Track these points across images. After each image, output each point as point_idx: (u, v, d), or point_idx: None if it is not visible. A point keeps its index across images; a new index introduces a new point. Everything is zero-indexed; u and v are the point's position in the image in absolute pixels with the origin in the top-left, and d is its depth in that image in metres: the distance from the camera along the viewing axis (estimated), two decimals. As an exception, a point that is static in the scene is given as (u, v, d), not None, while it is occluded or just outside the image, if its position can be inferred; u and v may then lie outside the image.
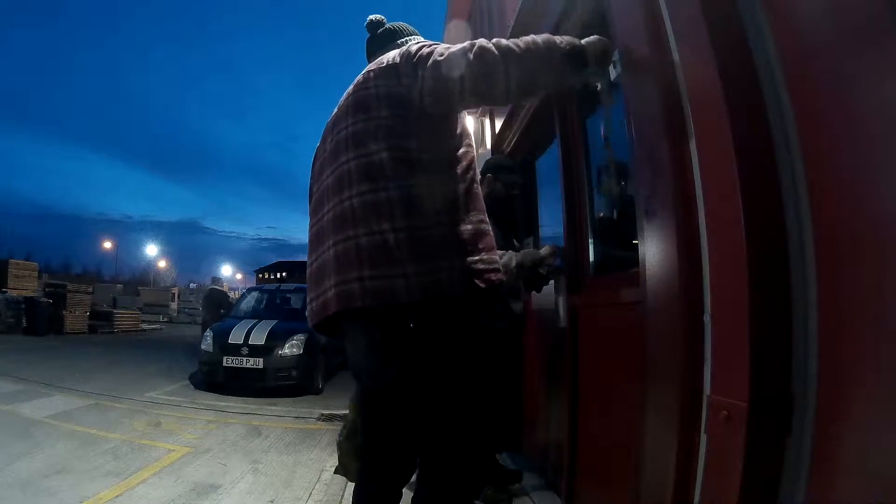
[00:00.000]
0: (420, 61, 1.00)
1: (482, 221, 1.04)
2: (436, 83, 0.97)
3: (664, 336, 0.97)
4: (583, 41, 1.02)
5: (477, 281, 0.97)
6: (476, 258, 0.99)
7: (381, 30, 1.24)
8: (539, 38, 0.98)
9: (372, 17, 1.25)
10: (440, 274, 0.94)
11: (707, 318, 0.83)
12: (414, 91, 0.99)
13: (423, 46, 1.03)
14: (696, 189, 0.87)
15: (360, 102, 1.05)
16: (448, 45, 1.01)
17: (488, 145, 3.12)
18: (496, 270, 1.02)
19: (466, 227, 1.00)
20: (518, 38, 0.98)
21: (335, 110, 1.15)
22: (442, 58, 0.97)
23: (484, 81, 0.95)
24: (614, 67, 1.11)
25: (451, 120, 1.06)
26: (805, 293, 0.72)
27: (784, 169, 0.74)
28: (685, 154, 0.90)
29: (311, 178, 1.21)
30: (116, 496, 2.27)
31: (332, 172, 1.07)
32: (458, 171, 1.03)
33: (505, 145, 2.88)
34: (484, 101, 1.05)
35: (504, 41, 0.96)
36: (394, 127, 1.00)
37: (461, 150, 1.06)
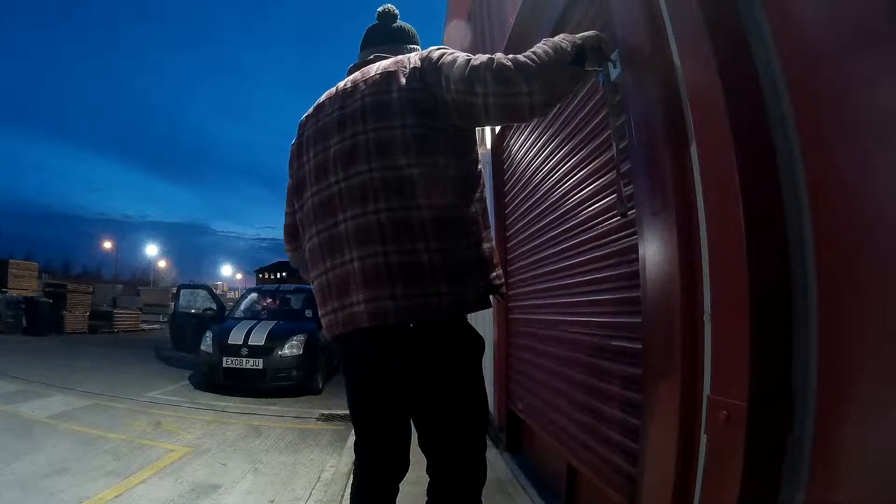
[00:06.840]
0: (443, 68, 0.99)
1: (492, 238, 1.10)
2: (459, 97, 0.97)
3: (664, 336, 0.97)
4: (577, 37, 1.01)
5: (497, 296, 1.06)
6: (494, 274, 1.05)
7: (394, 24, 1.22)
8: (548, 46, 0.97)
9: (389, 6, 1.23)
10: (468, 294, 0.99)
11: (707, 318, 0.83)
12: (439, 102, 0.99)
13: (445, 54, 1.02)
14: (696, 189, 0.87)
15: (380, 106, 1.01)
16: (468, 56, 1.00)
17: (488, 145, 3.12)
18: (504, 283, 1.09)
19: (486, 246, 1.05)
20: (526, 50, 0.97)
21: (333, 104, 1.09)
22: (465, 75, 0.96)
23: (508, 103, 0.95)
24: (614, 66, 1.10)
25: (472, 137, 1.09)
26: (805, 293, 0.71)
27: (784, 169, 0.74)
28: (685, 154, 0.90)
29: (303, 173, 1.12)
30: (116, 496, 2.28)
31: (345, 178, 1.02)
32: (478, 190, 1.08)
33: (505, 143, 2.88)
34: (508, 120, 1.08)
35: (520, 57, 0.95)
36: (421, 137, 0.98)
37: (478, 170, 1.10)
